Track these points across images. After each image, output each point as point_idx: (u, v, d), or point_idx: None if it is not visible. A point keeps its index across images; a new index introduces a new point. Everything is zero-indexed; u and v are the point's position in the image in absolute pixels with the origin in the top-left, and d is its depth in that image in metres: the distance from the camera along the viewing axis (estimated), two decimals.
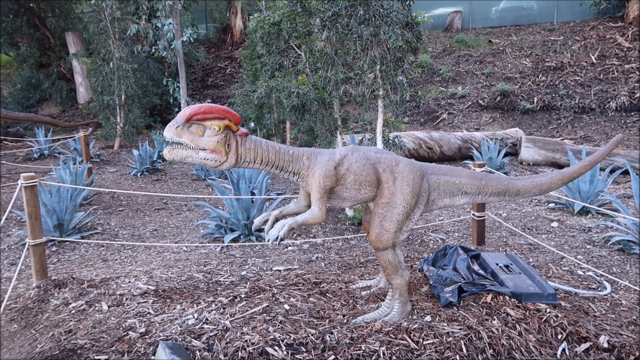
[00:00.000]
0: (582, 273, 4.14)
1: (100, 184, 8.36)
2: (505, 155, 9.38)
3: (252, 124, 9.17)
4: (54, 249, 5.24)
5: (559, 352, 2.77)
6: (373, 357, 2.59)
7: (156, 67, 14.16)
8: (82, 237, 5.55)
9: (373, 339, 2.73)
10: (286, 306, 3.17)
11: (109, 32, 11.65)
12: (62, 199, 5.50)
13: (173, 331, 2.87)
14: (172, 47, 10.51)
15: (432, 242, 5.12)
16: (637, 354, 2.76)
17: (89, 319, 3.19)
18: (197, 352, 2.65)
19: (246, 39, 11.32)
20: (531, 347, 2.77)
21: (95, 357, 2.69)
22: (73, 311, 3.34)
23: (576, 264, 4.34)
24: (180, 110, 11.58)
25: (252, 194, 5.57)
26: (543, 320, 2.97)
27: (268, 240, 2.68)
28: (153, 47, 11.21)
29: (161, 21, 10.30)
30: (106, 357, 2.68)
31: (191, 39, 10.68)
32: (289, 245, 5.08)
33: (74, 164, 8.15)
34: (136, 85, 12.13)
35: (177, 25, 10.41)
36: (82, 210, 6.41)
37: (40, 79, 16.67)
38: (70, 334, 3.02)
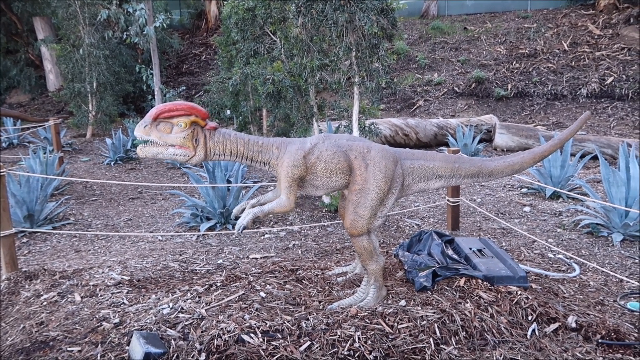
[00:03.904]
0: (552, 256, 4.25)
1: (72, 174, 8.18)
2: (480, 141, 9.51)
3: (228, 112, 9.06)
4: (25, 240, 5.12)
5: (529, 333, 2.85)
6: (348, 342, 2.62)
7: (129, 54, 13.82)
8: (54, 228, 5.43)
9: (348, 324, 2.76)
10: (262, 294, 3.18)
11: (79, 17, 11.31)
12: (32, 189, 5.36)
13: (148, 321, 2.85)
14: (144, 33, 10.25)
15: (407, 228, 5.18)
16: (603, 332, 2.85)
17: (61, 310, 3.14)
18: (173, 341, 2.63)
19: (221, 25, 11.14)
20: (502, 328, 2.84)
21: (68, 349, 2.65)
22: (45, 303, 3.28)
23: (547, 247, 4.45)
24: (154, 97, 11.39)
25: (228, 182, 5.53)
26: (514, 302, 3.04)
27: (238, 230, 2.76)
28: (125, 33, 10.91)
29: (133, 6, 10.03)
30: (79, 348, 2.65)
31: (164, 25, 10.43)
32: (266, 233, 5.07)
33: (44, 153, 7.93)
34: (108, 73, 11.83)
35: (150, 11, 10.15)
36: (53, 201, 6.27)
37: (7, 66, 16.11)
38: (42, 325, 2.97)
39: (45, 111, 14.98)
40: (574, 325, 2.93)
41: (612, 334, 2.84)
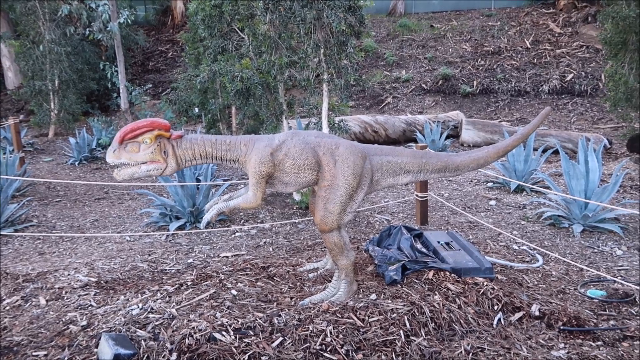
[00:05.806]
0: (517, 247, 4.38)
1: (35, 174, 7.93)
2: (447, 137, 9.69)
3: (197, 110, 8.95)
4: None
5: (495, 322, 2.94)
6: (320, 337, 2.64)
7: (92, 51, 13.47)
8: (16, 230, 5.26)
9: (320, 319, 2.78)
10: (234, 291, 3.17)
11: (38, 12, 10.95)
12: None
13: (117, 322, 2.80)
14: (108, 29, 10.01)
15: (377, 223, 5.24)
16: (565, 319, 2.97)
17: (25, 314, 3.06)
18: (143, 342, 2.60)
19: (188, 22, 10.98)
20: (470, 318, 2.92)
21: (34, 354, 2.58)
22: (7, 307, 3.18)
23: (512, 239, 4.58)
24: (119, 95, 11.13)
25: (198, 180, 5.47)
26: (480, 293, 3.13)
27: (203, 225, 2.86)
28: (87, 29, 10.62)
29: (95, 2, 9.78)
30: (45, 352, 2.58)
31: (129, 21, 10.20)
32: (237, 231, 5.05)
33: (4, 153, 7.66)
34: (70, 70, 11.50)
35: (113, 7, 9.92)
36: (14, 202, 6.06)
37: None
38: (5, 331, 2.88)
39: (4, 110, 14.44)
40: (537, 313, 3.04)
41: (573, 321, 2.96)
